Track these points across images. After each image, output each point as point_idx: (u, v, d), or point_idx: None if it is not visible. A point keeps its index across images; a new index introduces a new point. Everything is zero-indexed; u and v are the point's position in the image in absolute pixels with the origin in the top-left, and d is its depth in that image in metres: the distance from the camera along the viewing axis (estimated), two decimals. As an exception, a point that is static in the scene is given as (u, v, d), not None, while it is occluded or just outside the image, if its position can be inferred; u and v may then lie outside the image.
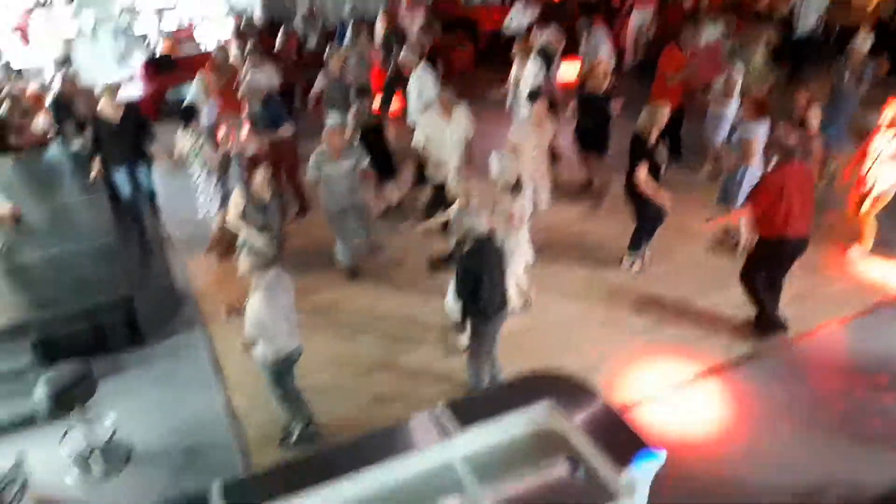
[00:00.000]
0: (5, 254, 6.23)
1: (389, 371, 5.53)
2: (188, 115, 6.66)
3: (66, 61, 11.69)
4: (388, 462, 3.44)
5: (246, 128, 7.09)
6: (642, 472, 3.29)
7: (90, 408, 4.61)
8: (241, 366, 5.43)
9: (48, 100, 8.45)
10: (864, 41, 7.38)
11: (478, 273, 4.50)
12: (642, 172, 5.88)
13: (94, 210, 6.93)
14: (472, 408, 3.79)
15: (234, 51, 9.50)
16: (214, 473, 4.00)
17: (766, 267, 5.58)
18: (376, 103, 8.62)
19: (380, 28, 10.45)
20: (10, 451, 4.53)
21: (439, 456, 3.54)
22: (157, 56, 11.32)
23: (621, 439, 3.43)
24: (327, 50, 8.32)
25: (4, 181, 6.99)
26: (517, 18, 11.34)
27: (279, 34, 9.98)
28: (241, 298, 4.34)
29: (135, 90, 10.63)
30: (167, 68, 10.76)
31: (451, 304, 5.45)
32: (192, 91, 7.87)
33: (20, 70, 11.20)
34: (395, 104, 9.36)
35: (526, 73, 7.85)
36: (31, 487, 4.15)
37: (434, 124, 6.54)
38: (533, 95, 6.69)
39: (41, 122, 8.48)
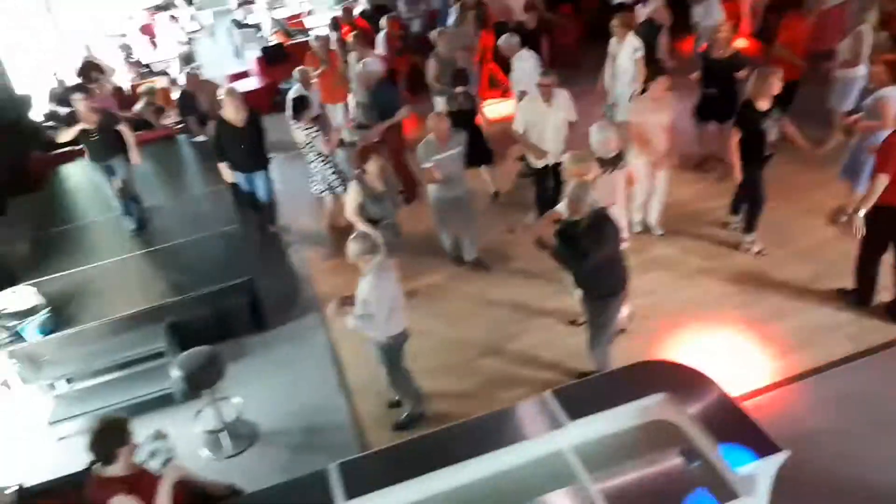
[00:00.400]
0: (136, 241, 6.80)
1: (499, 357, 5.55)
2: (299, 105, 6.90)
3: (189, 57, 12.43)
4: (497, 448, 3.49)
5: (343, 116, 7.29)
6: (763, 470, 3.15)
7: (219, 389, 4.94)
8: (356, 348, 5.64)
9: (174, 95, 9.02)
10: None
11: (599, 251, 4.36)
12: (734, 138, 5.76)
13: (218, 200, 7.35)
14: (582, 396, 3.76)
15: (334, 39, 9.72)
16: (331, 453, 4.21)
17: (889, 241, 5.16)
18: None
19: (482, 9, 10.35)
20: (151, 427, 4.97)
21: (549, 445, 3.54)
22: (270, 47, 11.74)
23: (741, 434, 3.30)
24: (434, 33, 8.32)
25: (140, 172, 7.49)
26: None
27: (382, 19, 10.08)
28: (350, 288, 4.50)
29: (250, 83, 11.13)
30: (280, 59, 11.16)
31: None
32: (294, 83, 8.08)
33: (149, 67, 12.01)
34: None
35: (625, 49, 7.48)
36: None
37: (534, 109, 6.37)
38: (656, 71, 6.34)
39: (170, 116, 9.09)
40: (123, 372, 5.64)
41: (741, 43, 7.11)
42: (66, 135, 6.78)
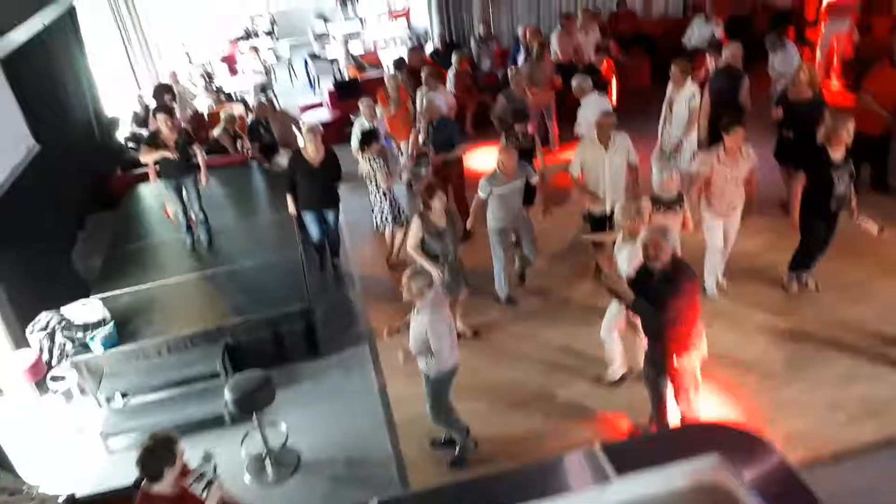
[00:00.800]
0: (201, 262, 7.00)
1: (549, 402, 5.43)
2: (368, 137, 7.01)
3: (265, 87, 12.89)
4: (540, 499, 3.39)
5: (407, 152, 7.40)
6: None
7: (268, 414, 5.00)
8: (405, 383, 5.63)
9: (248, 122, 9.34)
10: None
11: (678, 302, 4.14)
12: (799, 182, 5.63)
13: (282, 227, 7.52)
14: (631, 452, 3.63)
15: (399, 77, 9.91)
16: (373, 487, 4.20)
17: None
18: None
19: (555, 48, 10.39)
20: (200, 447, 5.05)
21: (594, 500, 3.42)
22: (344, 80, 12.07)
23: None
24: (509, 72, 8.38)
25: (210, 195, 7.75)
26: (698, 31, 10.80)
27: (453, 56, 10.25)
28: (400, 318, 4.52)
29: (322, 114, 11.44)
30: (352, 92, 11.45)
31: (606, 334, 5.29)
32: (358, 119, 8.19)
33: (229, 94, 12.50)
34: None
35: (683, 95, 7.26)
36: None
37: (592, 152, 6.19)
38: (729, 124, 5.82)
39: (244, 143, 9.39)
40: (178, 390, 5.78)
41: (833, 85, 6.84)
42: (149, 156, 7.08)
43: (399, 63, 10.34)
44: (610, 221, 6.17)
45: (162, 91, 9.58)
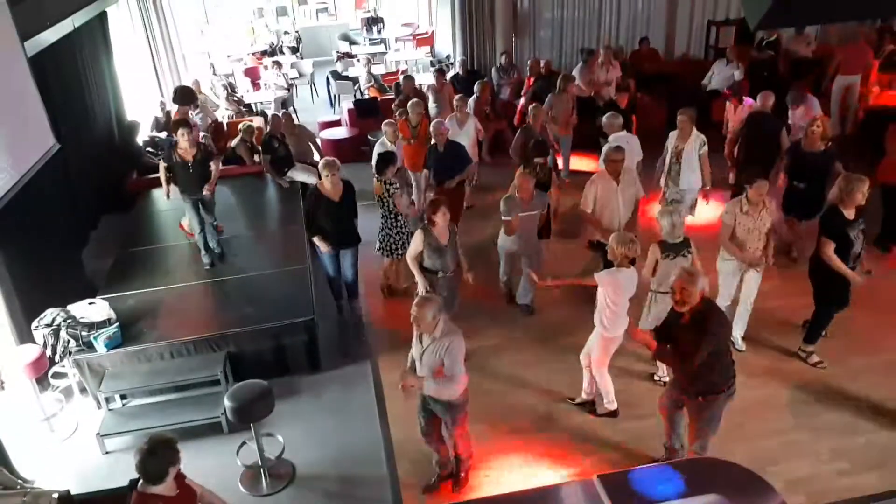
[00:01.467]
0: (210, 269, 6.98)
1: (551, 430, 5.39)
2: (386, 160, 7.02)
3: (286, 102, 13.04)
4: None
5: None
6: None
7: (266, 424, 4.97)
8: (404, 402, 5.58)
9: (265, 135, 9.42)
10: None
11: (707, 347, 4.10)
12: (829, 248, 5.40)
13: (290, 239, 7.56)
14: (630, 485, 3.59)
15: (431, 99, 9.99)
16: (365, 506, 4.13)
17: None
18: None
19: (579, 82, 10.47)
20: (195, 452, 5.03)
21: (589, 532, 3.38)
22: (363, 100, 12.19)
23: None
24: (529, 108, 8.41)
25: (223, 202, 7.79)
26: (719, 73, 10.89)
27: (476, 85, 10.35)
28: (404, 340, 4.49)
29: (341, 131, 11.55)
30: (371, 112, 11.57)
31: (595, 369, 5.32)
32: (380, 136, 8.24)
33: (249, 107, 12.65)
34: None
35: (692, 145, 7.20)
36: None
37: (604, 187, 6.31)
38: (752, 176, 5.74)
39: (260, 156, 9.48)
40: (177, 395, 5.78)
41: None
42: (164, 180, 6.98)
43: (397, 88, 10.44)
44: None
45: (186, 94, 9.51)
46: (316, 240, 6.57)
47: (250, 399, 4.70)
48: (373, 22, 17.89)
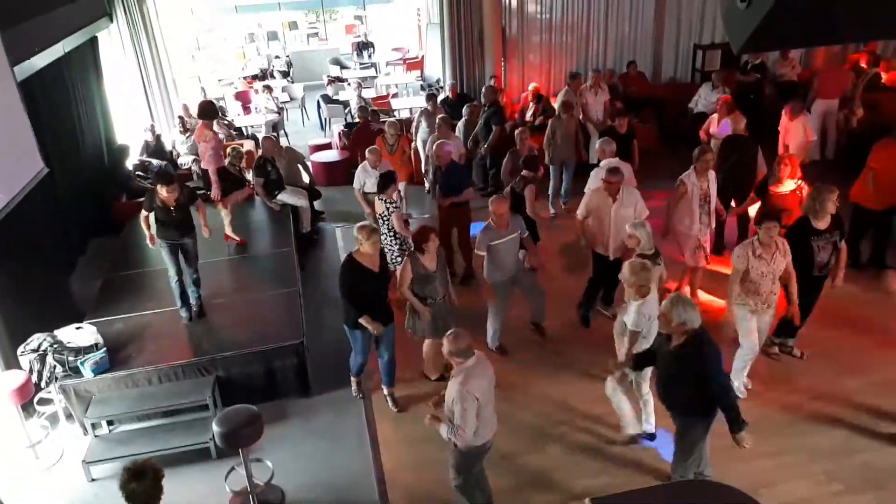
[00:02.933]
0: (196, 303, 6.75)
1: (539, 455, 5.34)
2: (387, 180, 7.03)
3: (277, 126, 13.08)
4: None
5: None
6: None
7: (255, 450, 4.91)
8: (395, 428, 5.57)
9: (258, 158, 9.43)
10: None
11: (697, 369, 4.09)
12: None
13: (280, 262, 7.53)
14: (621, 510, 3.56)
15: (423, 123, 10.06)
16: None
17: None
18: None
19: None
20: (183, 478, 4.96)
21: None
22: (354, 123, 12.23)
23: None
24: (516, 132, 8.48)
25: (212, 225, 7.75)
26: (705, 97, 11.01)
27: (464, 108, 10.43)
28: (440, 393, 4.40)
29: (331, 154, 11.58)
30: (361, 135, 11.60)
31: (610, 391, 5.23)
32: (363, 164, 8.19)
33: (240, 130, 12.67)
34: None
35: (710, 180, 6.86)
36: None
37: (600, 199, 6.40)
38: (770, 215, 5.53)
39: (251, 178, 9.47)
40: (165, 420, 5.71)
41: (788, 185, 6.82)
42: (144, 223, 6.45)
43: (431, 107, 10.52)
44: (610, 270, 6.32)
45: (208, 110, 8.43)
46: (364, 321, 5.50)
47: (239, 424, 4.64)
48: (363, 46, 18.03)
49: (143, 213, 6.36)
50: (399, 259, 7.09)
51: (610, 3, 12.69)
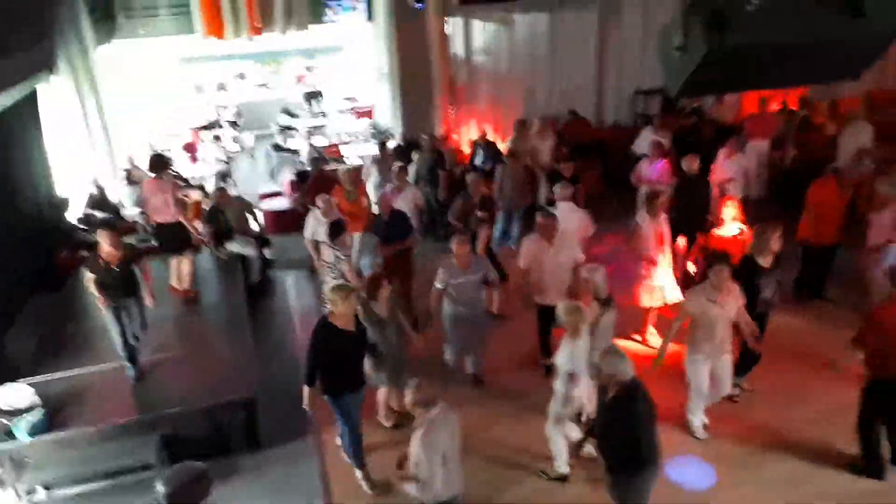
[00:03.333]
0: (143, 348, 6.55)
1: (492, 500, 5.26)
2: (337, 229, 6.94)
3: (226, 175, 12.95)
4: None
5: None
6: None
7: (203, 509, 4.70)
8: (351, 481, 5.42)
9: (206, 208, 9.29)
10: None
11: (628, 424, 4.12)
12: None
13: (230, 314, 7.37)
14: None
15: (374, 171, 10.10)
16: None
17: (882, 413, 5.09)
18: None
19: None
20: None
21: None
22: (304, 171, 12.21)
23: None
24: (467, 176, 8.59)
25: (157, 278, 7.55)
26: (646, 140, 11.34)
27: (413, 154, 10.53)
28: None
29: (281, 203, 11.51)
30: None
31: (551, 430, 5.25)
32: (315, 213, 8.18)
33: (187, 181, 12.49)
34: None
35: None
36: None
37: (538, 247, 6.40)
38: (720, 258, 5.64)
39: (200, 227, 9.31)
40: (107, 482, 5.46)
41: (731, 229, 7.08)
42: (90, 285, 6.20)
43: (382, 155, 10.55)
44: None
45: (158, 163, 8.35)
46: (306, 394, 5.24)
47: (184, 482, 4.42)
48: (313, 96, 18.14)
49: (88, 273, 6.11)
50: None
51: (555, 53, 13.10)
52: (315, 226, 7.95)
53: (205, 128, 15.95)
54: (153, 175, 7.89)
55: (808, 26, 2.61)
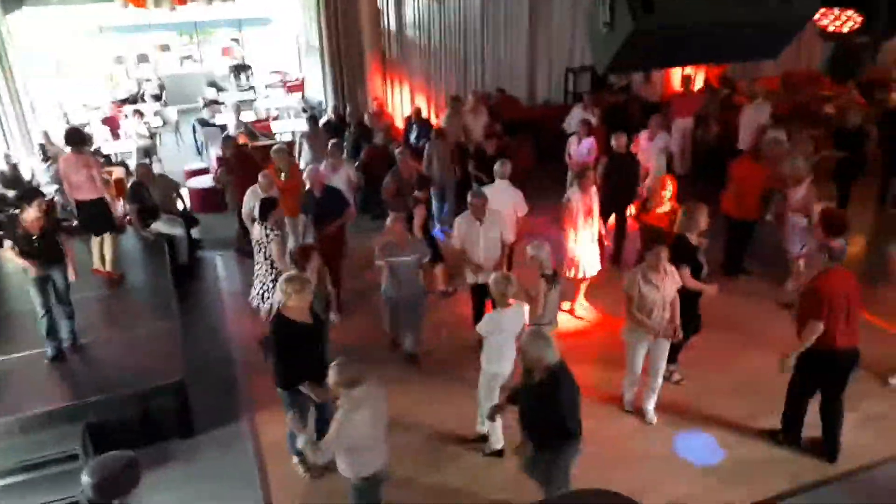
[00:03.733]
0: (63, 333, 6.31)
1: (411, 490, 5.21)
2: (268, 206, 6.68)
3: (149, 151, 12.46)
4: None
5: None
6: None
7: (133, 498, 4.57)
8: (285, 463, 5.36)
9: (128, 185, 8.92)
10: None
11: (553, 409, 4.16)
12: (686, 273, 5.67)
13: (156, 294, 7.14)
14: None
15: (306, 147, 9.89)
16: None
17: (819, 384, 5.26)
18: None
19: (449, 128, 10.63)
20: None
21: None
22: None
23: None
24: (396, 152, 8.46)
25: (78, 260, 7.23)
26: (577, 118, 11.50)
27: (348, 131, 10.38)
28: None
29: (208, 180, 11.14)
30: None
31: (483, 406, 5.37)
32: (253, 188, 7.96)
33: (108, 157, 11.96)
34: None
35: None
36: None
37: (469, 226, 6.46)
38: (656, 239, 5.67)
39: (120, 206, 8.95)
40: (28, 475, 5.22)
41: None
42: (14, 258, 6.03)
43: (314, 131, 10.35)
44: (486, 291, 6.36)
45: (75, 136, 7.69)
46: (306, 389, 4.87)
47: (111, 472, 4.28)
48: (240, 69, 17.61)
49: (7, 242, 6.02)
50: (270, 294, 6.75)
51: (485, 28, 13.06)
52: (253, 201, 7.65)
53: (126, 101, 15.29)
54: (70, 149, 7.43)
55: (730, 7, 2.68)
